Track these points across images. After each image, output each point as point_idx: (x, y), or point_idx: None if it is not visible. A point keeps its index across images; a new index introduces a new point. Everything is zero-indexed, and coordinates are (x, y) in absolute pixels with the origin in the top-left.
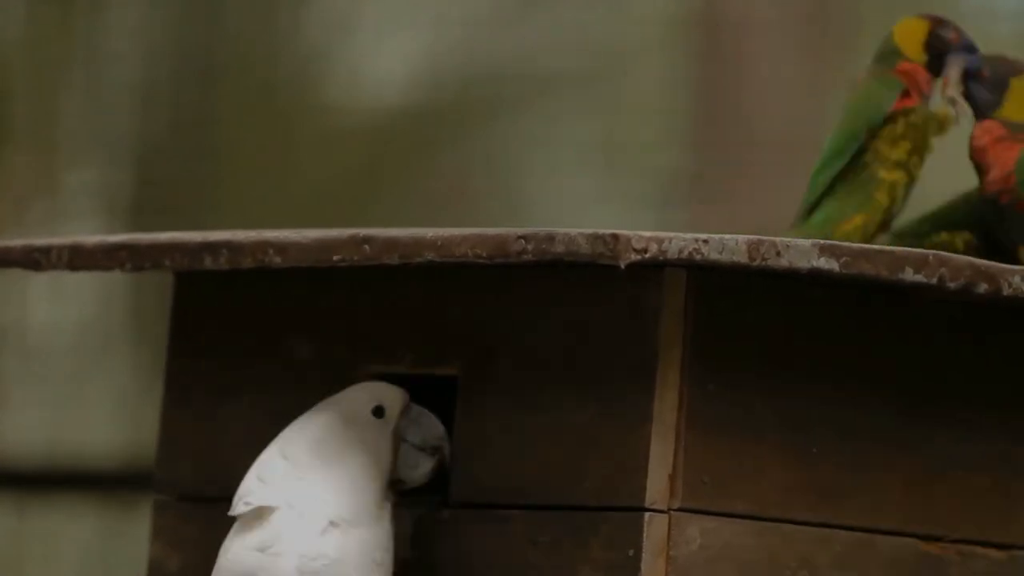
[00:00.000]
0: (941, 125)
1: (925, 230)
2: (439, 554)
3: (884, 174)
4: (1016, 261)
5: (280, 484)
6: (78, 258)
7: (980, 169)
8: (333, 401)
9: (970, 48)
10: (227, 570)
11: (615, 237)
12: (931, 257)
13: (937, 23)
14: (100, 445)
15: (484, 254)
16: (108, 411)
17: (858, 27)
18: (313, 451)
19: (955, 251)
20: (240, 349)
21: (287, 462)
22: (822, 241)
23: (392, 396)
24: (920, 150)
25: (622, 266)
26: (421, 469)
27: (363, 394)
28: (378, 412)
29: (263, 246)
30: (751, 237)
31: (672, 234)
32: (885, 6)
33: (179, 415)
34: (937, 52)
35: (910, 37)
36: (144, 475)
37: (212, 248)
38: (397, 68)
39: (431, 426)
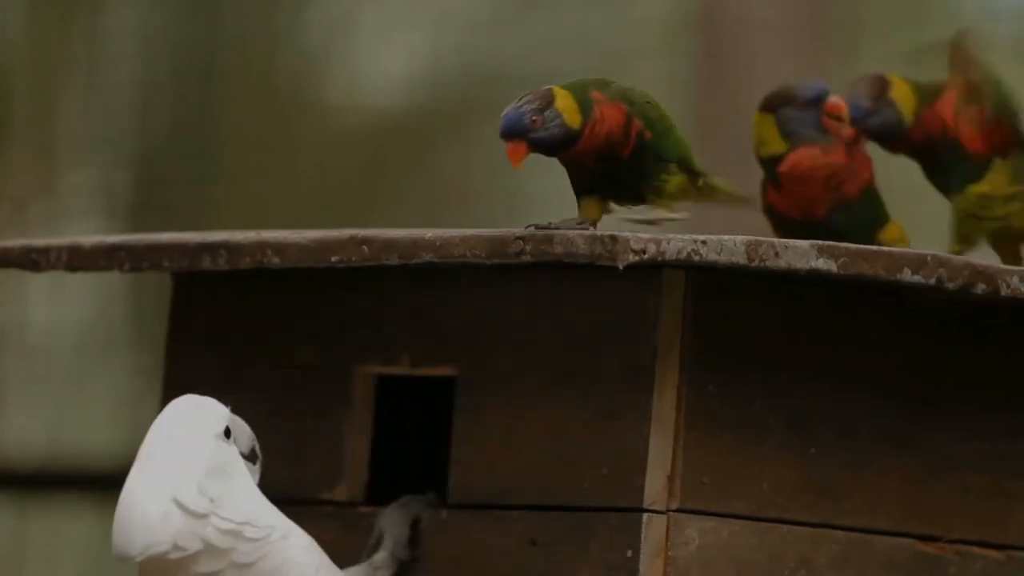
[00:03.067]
0: None
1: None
2: (438, 554)
3: None
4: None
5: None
6: (76, 259)
7: None
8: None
9: None
10: None
11: (613, 238)
12: (929, 258)
13: None
14: (100, 445)
15: (483, 255)
16: (108, 411)
17: (857, 28)
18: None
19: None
20: (238, 349)
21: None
22: (820, 242)
23: (225, 413)
24: None
25: (620, 267)
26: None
27: (207, 415)
28: (228, 433)
29: (261, 247)
30: (749, 238)
31: (670, 235)
32: (884, 7)
33: None
34: None
35: None
36: None
37: (210, 249)
38: (397, 69)
39: (245, 430)
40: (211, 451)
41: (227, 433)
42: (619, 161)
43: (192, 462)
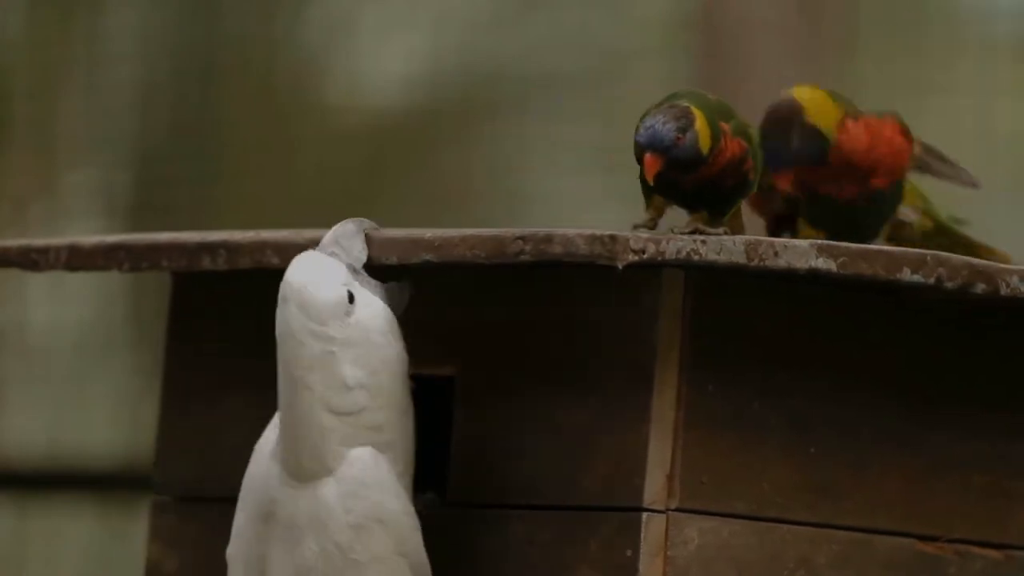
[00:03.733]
0: None
1: None
2: (438, 554)
3: None
4: None
5: None
6: (76, 258)
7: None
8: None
9: None
10: None
11: (613, 238)
12: (929, 257)
13: None
14: (100, 445)
15: (482, 255)
16: (108, 411)
17: (856, 28)
18: None
19: None
20: (238, 349)
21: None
22: (820, 241)
23: (340, 283)
24: None
25: (620, 267)
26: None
27: (324, 307)
28: (351, 300)
29: (261, 246)
30: (749, 237)
31: (670, 235)
32: (883, 7)
33: (177, 416)
34: None
35: None
36: (144, 475)
37: (210, 248)
38: (397, 68)
39: (353, 249)
40: (342, 340)
41: (351, 299)
42: (716, 188)
43: (331, 369)
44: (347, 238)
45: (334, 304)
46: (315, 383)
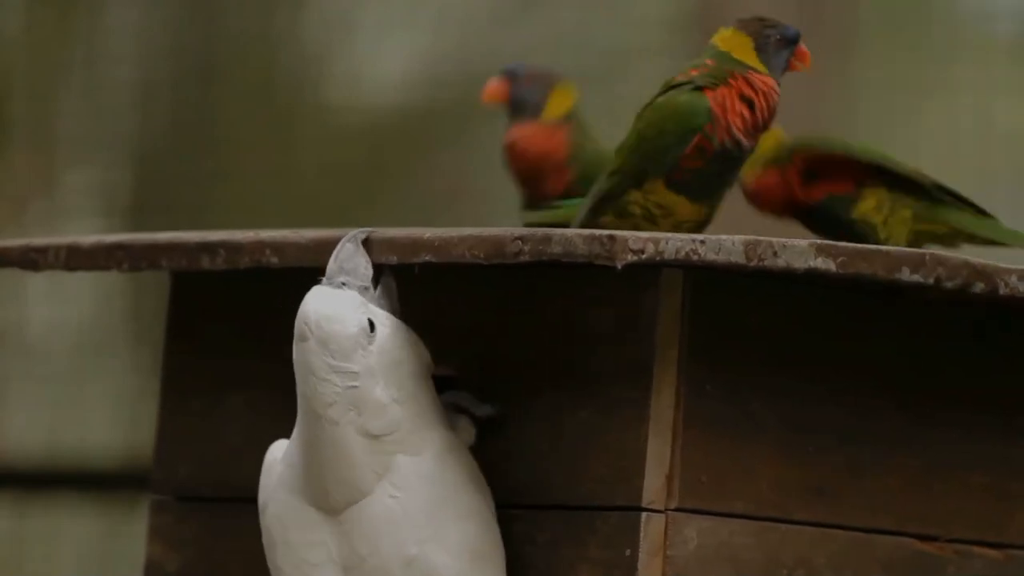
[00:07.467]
0: None
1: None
2: None
3: None
4: None
5: None
6: (75, 258)
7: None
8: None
9: None
10: None
11: (612, 238)
12: (928, 257)
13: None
14: (100, 445)
15: (481, 255)
16: (108, 411)
17: (856, 28)
18: None
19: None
20: (237, 349)
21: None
22: (819, 241)
23: (358, 311)
24: None
25: (619, 267)
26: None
27: (350, 318)
28: (372, 327)
29: (260, 246)
30: (748, 237)
31: (669, 235)
32: (884, 7)
33: (176, 415)
34: None
35: None
36: (144, 475)
37: (209, 248)
38: (397, 68)
39: (359, 269)
40: (366, 371)
41: (371, 327)
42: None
43: (360, 398)
44: (349, 259)
45: (355, 337)
46: (339, 417)
